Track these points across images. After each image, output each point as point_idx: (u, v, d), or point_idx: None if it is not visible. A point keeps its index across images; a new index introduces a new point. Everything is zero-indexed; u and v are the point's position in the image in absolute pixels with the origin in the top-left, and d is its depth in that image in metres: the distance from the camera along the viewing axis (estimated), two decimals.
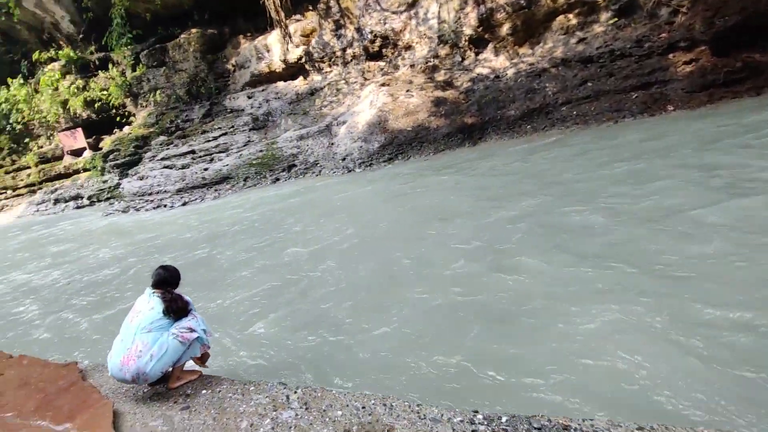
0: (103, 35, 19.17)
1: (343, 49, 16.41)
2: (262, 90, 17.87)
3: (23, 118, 20.32)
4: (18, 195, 20.77)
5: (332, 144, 14.25)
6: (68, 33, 20.11)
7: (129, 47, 18.89)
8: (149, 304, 2.64)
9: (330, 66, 16.88)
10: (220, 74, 18.98)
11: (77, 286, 6.85)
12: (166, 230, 10.11)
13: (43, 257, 9.69)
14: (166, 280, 2.75)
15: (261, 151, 14.91)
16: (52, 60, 19.96)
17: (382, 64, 16.13)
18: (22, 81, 20.09)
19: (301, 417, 2.24)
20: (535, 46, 14.02)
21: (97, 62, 19.92)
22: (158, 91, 18.89)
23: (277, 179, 13.87)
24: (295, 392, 2.47)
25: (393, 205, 8.12)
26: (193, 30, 18.55)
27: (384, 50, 16.07)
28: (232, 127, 16.72)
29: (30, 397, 2.74)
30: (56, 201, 18.80)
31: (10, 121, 20.34)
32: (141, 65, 18.96)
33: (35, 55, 19.86)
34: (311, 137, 14.76)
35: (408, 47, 15.69)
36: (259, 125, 16.52)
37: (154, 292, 2.69)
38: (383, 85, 14.95)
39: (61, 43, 20.29)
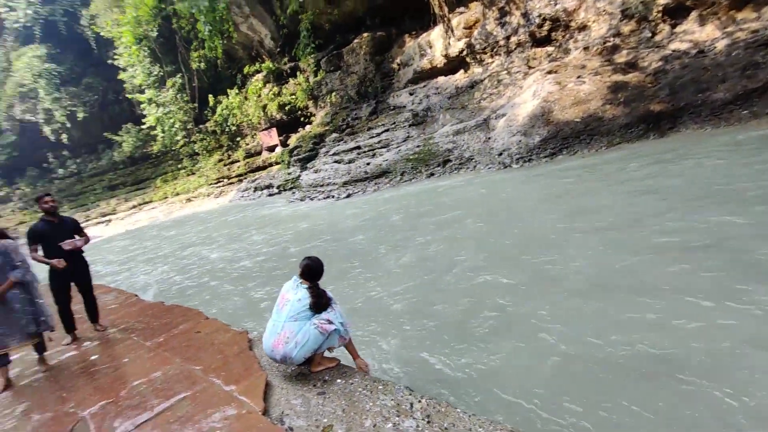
0: (293, 47, 23.05)
1: (507, 38, 16.04)
2: (423, 86, 18.84)
3: (236, 120, 26.01)
4: (231, 183, 26.77)
5: (489, 138, 14.19)
6: (269, 48, 24.79)
7: (312, 56, 22.23)
8: (296, 294, 2.97)
9: (492, 56, 16.72)
10: (385, 74, 20.75)
11: (256, 262, 8.72)
12: (332, 219, 11.80)
13: (239, 234, 12.50)
14: (312, 271, 3.05)
15: (418, 146, 15.86)
16: (257, 72, 24.96)
17: (549, 49, 15.20)
18: (236, 91, 25.73)
19: (421, 430, 2.26)
20: (762, 8, 11.21)
21: (288, 71, 24.07)
22: (333, 93, 21.79)
23: (432, 174, 14.58)
24: (420, 401, 2.51)
25: (553, 206, 7.61)
26: (365, 34, 20.70)
27: (553, 34, 15.10)
28: (394, 123, 18.17)
29: (213, 356, 3.44)
30: (255, 189, 23.61)
31: (228, 123, 26.28)
32: (321, 71, 22.14)
33: (246, 69, 25.13)
34: (467, 132, 14.99)
35: (582, 27, 14.39)
36: (418, 121, 17.54)
37: (301, 283, 3.03)
38: (549, 72, 14.10)
39: (264, 57, 25.17)
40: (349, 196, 15.16)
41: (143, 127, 28.77)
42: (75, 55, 30.22)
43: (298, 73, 23.41)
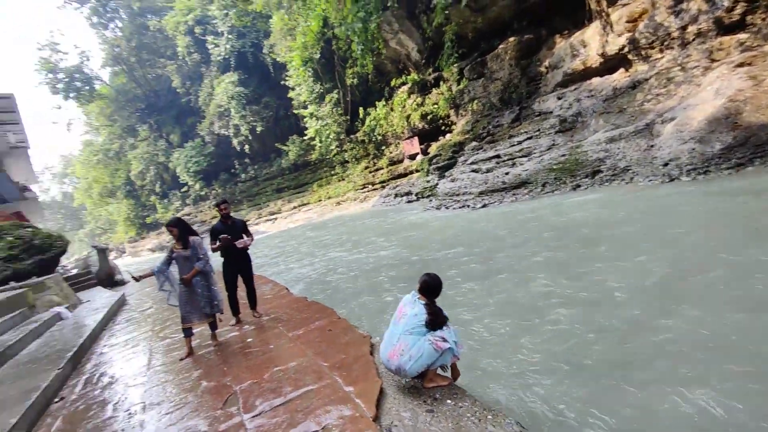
0: (437, 58, 23.97)
1: (683, 28, 13.94)
2: (574, 89, 17.62)
3: (382, 130, 28.19)
4: (375, 189, 29.10)
5: (651, 146, 12.58)
6: (415, 60, 26.24)
7: (455, 65, 22.76)
8: (414, 309, 3.06)
9: (661, 51, 14.73)
10: (531, 78, 20.02)
11: (388, 267, 9.47)
12: (464, 229, 12.02)
13: (376, 238, 13.63)
14: (430, 288, 3.14)
15: (563, 155, 14.94)
16: (402, 84, 26.66)
17: (742, 37, 12.69)
18: (383, 103, 27.89)
19: None
20: None
21: (432, 81, 25.10)
22: (475, 101, 21.94)
23: (578, 186, 13.60)
24: None
25: (750, 238, 5.77)
26: (510, 39, 20.34)
27: (749, 17, 12.60)
28: (538, 130, 17.44)
29: (338, 354, 3.82)
30: (396, 195, 25.22)
31: (375, 133, 28.64)
32: (464, 79, 22.52)
33: (393, 82, 27.06)
34: (624, 138, 13.53)
35: None
36: (566, 127, 16.50)
37: (419, 298, 3.12)
38: (740, 65, 11.81)
39: (410, 69, 26.73)
40: (484, 206, 15.17)
41: (305, 138, 33.34)
42: (258, 80, 36.74)
43: (441, 82, 24.23)
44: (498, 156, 17.51)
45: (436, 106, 24.27)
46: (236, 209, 40.42)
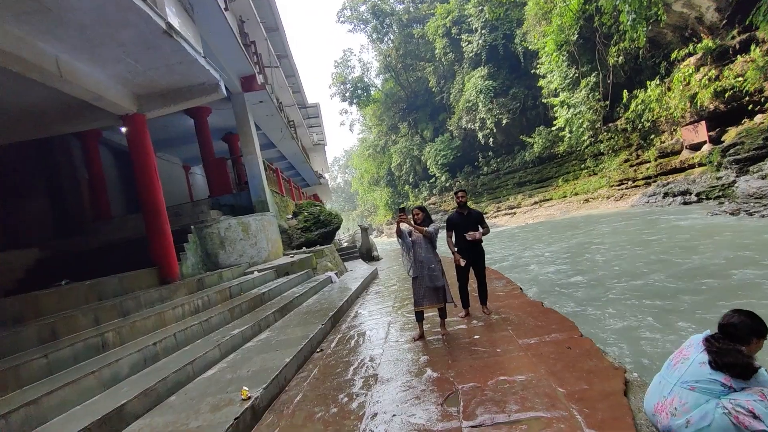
0: (745, 15, 17.87)
1: None
2: None
3: (653, 115, 23.29)
4: (635, 186, 24.49)
5: None
6: (711, 23, 20.36)
7: None
8: (700, 354, 2.25)
9: None
10: None
11: (655, 282, 7.45)
12: None
13: (637, 244, 11.16)
14: (731, 329, 2.23)
15: None
16: (688, 55, 21.17)
17: None
18: (657, 82, 22.91)
19: None
20: None
21: (736, 46, 18.99)
22: None
23: None
24: None
25: None
26: None
27: None
28: None
29: (578, 382, 3.12)
30: (665, 194, 20.48)
31: (642, 119, 23.94)
32: None
33: (673, 55, 21.81)
34: None
35: None
36: None
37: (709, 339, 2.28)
38: None
39: (701, 35, 20.98)
40: None
41: (553, 129, 30.99)
42: (506, 71, 36.27)
43: (752, 46, 18.03)
44: None
45: (740, 79, 18.24)
46: (476, 201, 41.44)
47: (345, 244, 20.89)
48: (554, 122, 29.13)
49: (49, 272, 8.18)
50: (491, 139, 37.58)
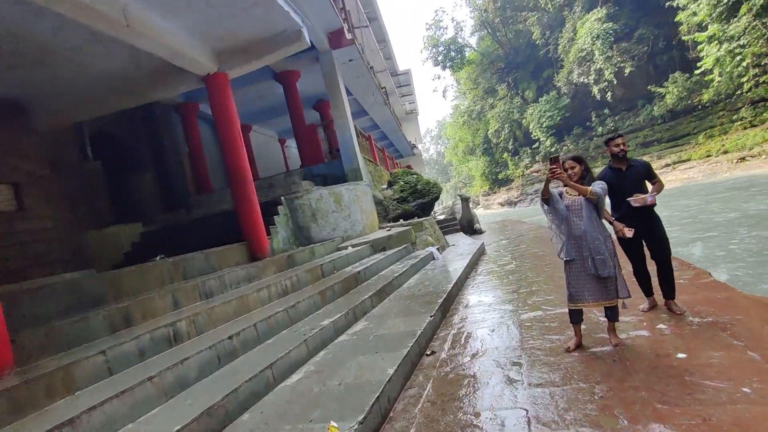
0: None
1: None
2: None
3: None
4: None
5: None
6: None
7: None
8: None
9: None
10: None
11: None
12: None
13: None
14: None
15: None
16: None
17: None
18: None
19: None
20: None
21: None
22: None
23: None
24: None
25: None
26: None
27: None
28: None
29: None
30: None
31: None
32: None
33: None
34: None
35: None
36: None
37: None
38: None
39: None
40: None
41: (694, 74, 25.54)
42: (631, 8, 30.67)
43: None
44: None
45: None
46: (591, 166, 36.77)
47: (442, 217, 19.46)
48: (698, 65, 23.78)
49: (153, 246, 8.13)
50: (609, 93, 32.52)
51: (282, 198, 8.81)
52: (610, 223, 3.81)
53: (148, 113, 10.84)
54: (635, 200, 3.69)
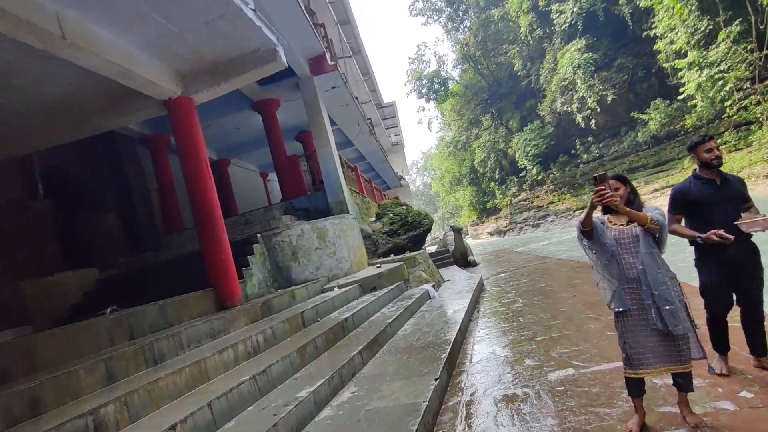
0: None
1: None
2: None
3: None
4: None
5: None
6: None
7: None
8: None
9: None
10: None
11: None
12: None
13: None
14: None
15: None
16: None
17: None
18: None
19: None
20: None
21: None
22: None
23: None
24: None
25: None
26: None
27: None
28: None
29: None
30: None
31: None
32: None
33: None
34: None
35: None
36: None
37: None
38: None
39: None
40: None
41: (674, 100, 25.90)
42: (609, 39, 31.44)
43: None
44: None
45: None
46: (576, 194, 36.86)
47: (433, 249, 18.65)
48: (681, 90, 24.05)
49: (109, 295, 7.07)
50: (593, 121, 32.83)
51: (258, 236, 7.90)
52: (698, 239, 2.92)
53: (110, 146, 9.99)
54: (751, 224, 2.75)
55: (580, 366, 3.74)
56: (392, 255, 10.27)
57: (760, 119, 21.09)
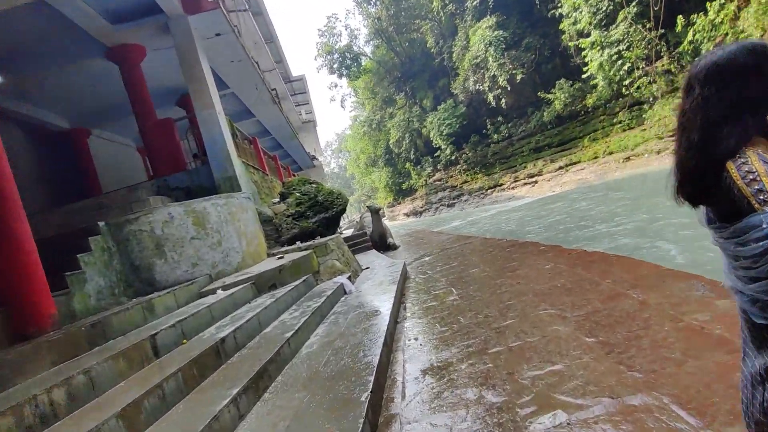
0: None
1: None
2: None
3: (717, 42, 19.31)
4: None
5: None
6: None
7: None
8: None
9: None
10: None
11: None
12: None
13: None
14: None
15: None
16: None
17: None
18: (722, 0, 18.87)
19: None
20: None
21: None
22: None
23: None
24: None
25: None
26: None
27: None
28: None
29: None
30: None
31: (703, 51, 19.97)
32: None
33: None
34: None
35: None
36: None
37: None
38: None
39: None
40: None
41: (577, 80, 27.07)
42: (518, 18, 32.01)
43: None
44: None
45: None
46: (488, 173, 37.76)
47: (349, 232, 17.16)
48: (584, 69, 25.03)
49: None
50: (503, 101, 33.51)
51: (101, 224, 5.63)
52: None
53: None
54: None
55: (569, 405, 2.44)
56: (299, 242, 8.52)
57: (652, 98, 22.60)
